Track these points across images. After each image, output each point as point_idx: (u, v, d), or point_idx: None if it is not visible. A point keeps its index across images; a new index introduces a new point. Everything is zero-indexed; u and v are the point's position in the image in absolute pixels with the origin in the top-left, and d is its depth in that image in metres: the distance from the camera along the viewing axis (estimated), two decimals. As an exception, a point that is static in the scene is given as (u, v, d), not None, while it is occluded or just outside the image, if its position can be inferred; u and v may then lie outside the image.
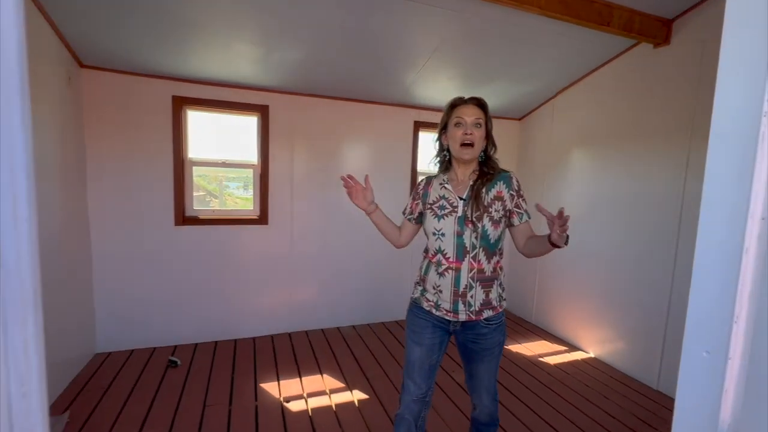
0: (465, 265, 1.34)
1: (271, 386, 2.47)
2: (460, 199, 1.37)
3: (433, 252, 1.41)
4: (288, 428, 2.08)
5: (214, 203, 3.32)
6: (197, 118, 2.96)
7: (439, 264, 1.38)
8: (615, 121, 2.92)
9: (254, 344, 3.05)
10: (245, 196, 3.29)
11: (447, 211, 1.38)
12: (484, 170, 1.40)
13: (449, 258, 1.36)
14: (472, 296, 1.34)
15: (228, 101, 2.91)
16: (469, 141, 1.33)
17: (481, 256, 1.34)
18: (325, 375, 2.64)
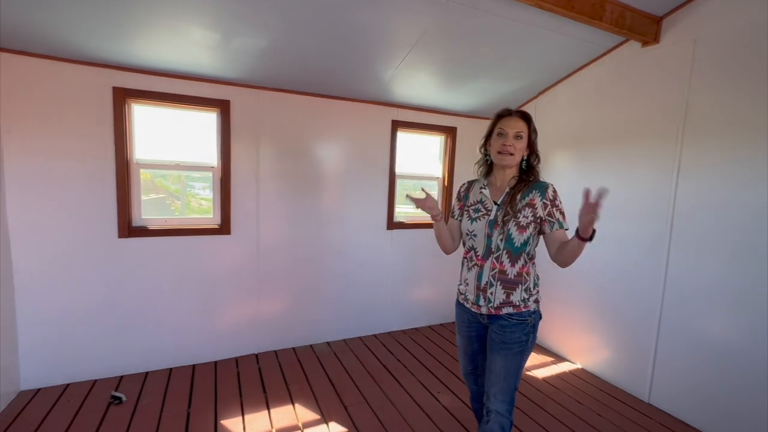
0: (488, 264, 1.48)
1: (233, 423, 2.15)
2: (495, 204, 1.50)
3: (467, 249, 1.59)
4: (253, 477, 1.78)
5: (176, 206, 2.93)
6: (146, 114, 2.58)
7: (471, 260, 1.55)
8: (600, 124, 2.81)
9: (216, 370, 2.71)
10: (211, 197, 2.90)
11: (481, 214, 1.52)
12: (523, 177, 1.51)
13: (479, 255, 1.51)
14: (492, 293, 1.47)
15: (182, 95, 2.54)
16: (507, 151, 1.45)
17: (504, 258, 1.46)
18: (297, 404, 2.34)
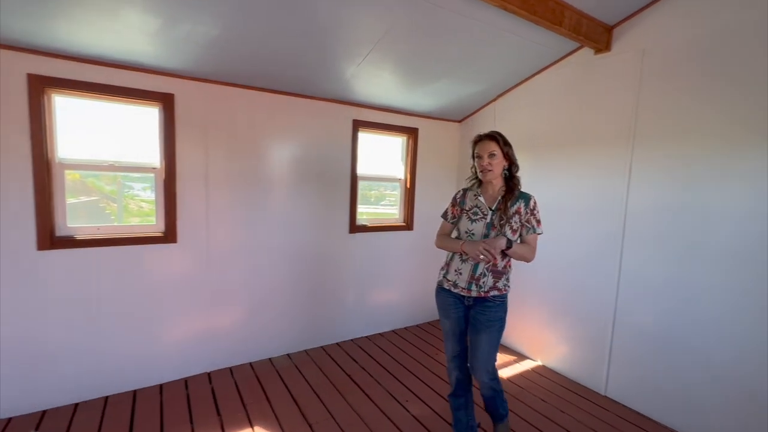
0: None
1: (184, 455, 1.92)
2: (490, 209, 1.79)
3: None
4: None
5: (112, 209, 2.58)
6: (75, 107, 2.24)
7: (466, 254, 1.76)
8: (556, 126, 2.89)
9: (161, 394, 2.43)
10: (153, 198, 2.58)
11: (479, 216, 1.81)
12: (510, 187, 1.80)
13: None
14: (483, 281, 1.78)
15: (116, 86, 2.24)
16: (486, 169, 1.76)
17: (497, 254, 1.70)
18: (256, 427, 2.15)
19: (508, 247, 1.68)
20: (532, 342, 3.14)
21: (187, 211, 2.53)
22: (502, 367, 2.97)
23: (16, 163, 2.04)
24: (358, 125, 3.16)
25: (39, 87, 2.04)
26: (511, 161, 1.80)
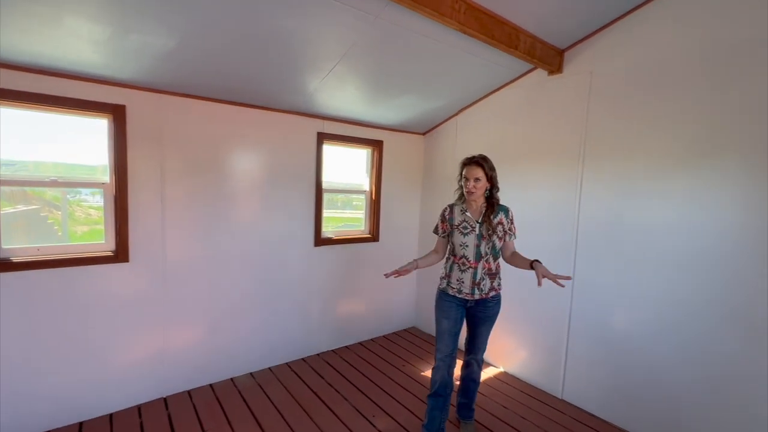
0: (480, 265, 2.06)
1: (137, 491, 1.81)
2: (477, 222, 2.06)
3: (459, 256, 2.09)
4: None
5: (54, 218, 2.38)
6: (13, 118, 2.07)
7: (463, 264, 2.07)
8: (513, 142, 3.02)
9: (111, 424, 2.27)
10: (102, 205, 2.39)
11: (469, 230, 2.07)
12: (491, 203, 2.07)
13: (470, 261, 2.06)
14: (483, 284, 2.07)
15: (61, 96, 2.09)
16: (471, 191, 2.03)
17: (490, 260, 2.08)
18: (217, 454, 2.07)
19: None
20: (494, 349, 3.23)
21: (141, 229, 2.40)
22: (467, 376, 3.04)
23: (-59, 180, 1.85)
24: (322, 138, 3.14)
25: (-31, 97, 1.86)
26: (493, 184, 2.06)
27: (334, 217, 3.57)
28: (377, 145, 3.52)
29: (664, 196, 2.23)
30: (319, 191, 3.17)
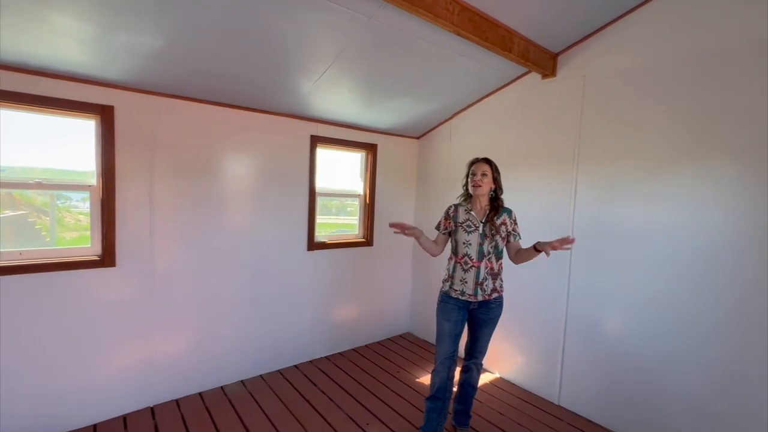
0: (483, 265, 2.06)
1: (120, 506, 1.73)
2: (480, 222, 2.08)
3: (461, 255, 2.10)
4: None
5: (42, 224, 2.32)
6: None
7: (466, 263, 2.07)
8: (507, 146, 3.01)
9: (95, 435, 2.19)
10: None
11: (472, 229, 2.08)
12: (494, 205, 2.11)
13: (473, 259, 2.06)
14: (486, 285, 2.07)
15: (47, 96, 2.04)
16: (477, 184, 2.06)
17: (492, 259, 2.08)
18: (205, 466, 2.00)
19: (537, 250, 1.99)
20: (490, 354, 3.18)
21: (129, 232, 2.34)
22: (462, 382, 2.99)
23: None
24: (316, 141, 3.11)
25: (-51, 96, 1.80)
26: (497, 185, 2.11)
27: (328, 223, 3.54)
28: (371, 149, 3.50)
29: (658, 199, 2.22)
30: (313, 195, 3.13)
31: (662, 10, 2.19)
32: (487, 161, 2.10)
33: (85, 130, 2.24)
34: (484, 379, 3.05)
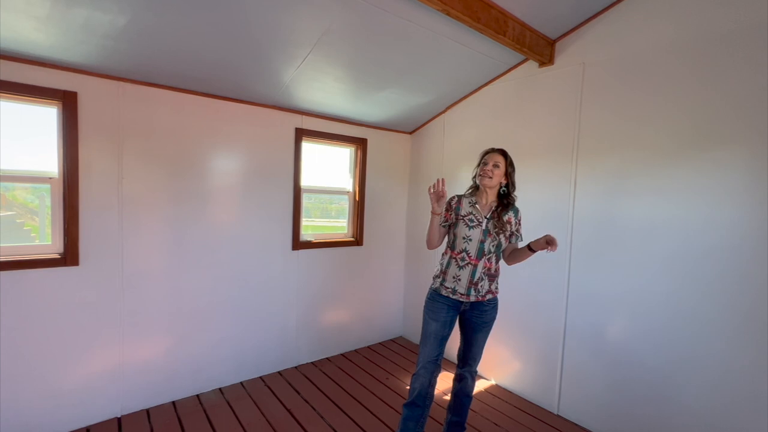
0: (481, 263, 1.90)
1: None
2: (485, 217, 1.91)
3: (458, 251, 1.92)
4: None
5: (32, 226, 2.15)
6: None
7: (462, 260, 1.90)
8: (504, 139, 2.84)
9: (53, 450, 2.01)
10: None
11: (475, 223, 1.91)
12: (503, 202, 1.95)
13: (471, 256, 1.89)
14: (481, 285, 1.91)
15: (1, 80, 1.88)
16: (486, 174, 1.91)
17: (492, 259, 1.93)
18: (169, 484, 1.82)
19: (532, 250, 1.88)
20: (485, 360, 3.01)
21: (94, 229, 2.17)
22: (455, 390, 2.81)
23: None
24: (301, 134, 2.95)
25: None
26: (509, 181, 1.95)
27: (326, 226, 3.38)
28: (361, 144, 3.34)
29: (662, 192, 2.06)
30: (298, 191, 2.96)
31: (667, -10, 2.04)
32: (502, 152, 1.94)
33: (47, 121, 2.08)
34: (479, 386, 2.87)
